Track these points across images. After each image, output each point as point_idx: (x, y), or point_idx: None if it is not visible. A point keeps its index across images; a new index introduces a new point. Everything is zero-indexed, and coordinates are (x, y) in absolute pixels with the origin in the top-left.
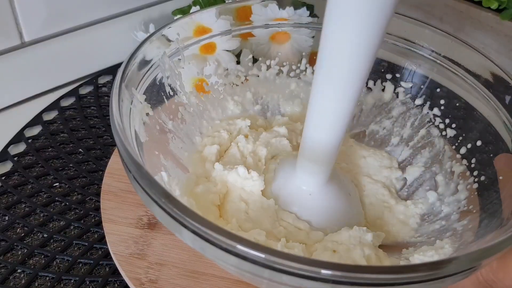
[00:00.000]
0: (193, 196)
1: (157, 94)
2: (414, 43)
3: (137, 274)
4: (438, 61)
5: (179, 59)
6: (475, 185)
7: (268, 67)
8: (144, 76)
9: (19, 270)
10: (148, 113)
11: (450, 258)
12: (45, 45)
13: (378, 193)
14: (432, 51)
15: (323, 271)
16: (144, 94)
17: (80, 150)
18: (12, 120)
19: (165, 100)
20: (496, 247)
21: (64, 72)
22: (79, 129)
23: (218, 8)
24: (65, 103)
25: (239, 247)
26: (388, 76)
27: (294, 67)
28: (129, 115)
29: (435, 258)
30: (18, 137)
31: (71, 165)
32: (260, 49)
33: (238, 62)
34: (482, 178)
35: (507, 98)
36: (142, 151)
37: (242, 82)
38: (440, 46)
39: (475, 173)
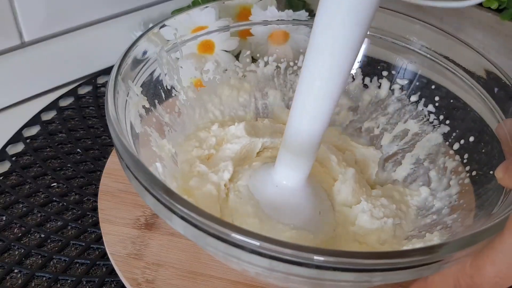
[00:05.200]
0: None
1: (154, 88)
2: (411, 40)
3: (134, 275)
4: (434, 59)
5: (177, 58)
6: (467, 180)
7: (266, 63)
8: (140, 70)
9: (16, 270)
10: (144, 105)
11: (413, 249)
12: (45, 45)
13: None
14: (429, 49)
15: (313, 257)
16: (141, 87)
17: (78, 150)
18: (11, 120)
19: (162, 94)
20: (459, 243)
21: (64, 72)
22: (77, 129)
23: (217, 7)
24: (64, 103)
25: (232, 234)
26: (384, 73)
27: (291, 63)
28: (125, 106)
29: None
30: (16, 137)
31: (69, 165)
32: (259, 49)
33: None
34: (474, 173)
35: (500, 95)
36: (137, 142)
37: (240, 78)
38: (437, 44)
39: (467, 168)
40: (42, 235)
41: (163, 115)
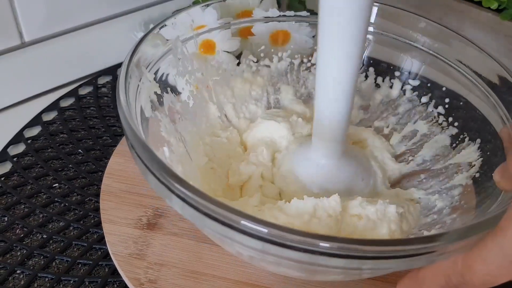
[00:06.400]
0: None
1: (167, 76)
2: (423, 41)
3: (136, 275)
4: (447, 61)
5: (179, 58)
6: (470, 181)
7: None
8: (154, 58)
9: (18, 271)
10: (156, 91)
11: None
12: (45, 45)
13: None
14: (441, 51)
15: (305, 240)
16: (154, 74)
17: (80, 150)
18: (11, 120)
19: (176, 83)
20: (452, 235)
21: (64, 72)
22: (78, 129)
23: (218, 7)
24: (65, 103)
25: (227, 214)
26: (397, 73)
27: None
28: (137, 90)
29: None
30: (18, 138)
31: (70, 165)
32: (260, 50)
33: (238, 64)
34: (477, 175)
35: (510, 98)
36: (146, 125)
37: (253, 71)
38: (450, 47)
39: (472, 170)
40: (44, 236)
41: (174, 103)
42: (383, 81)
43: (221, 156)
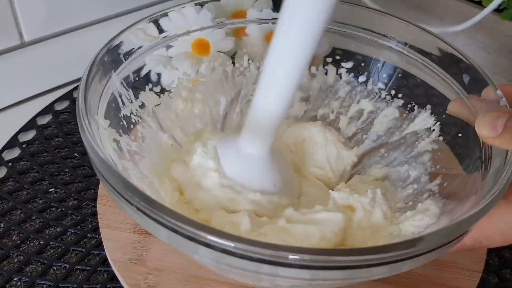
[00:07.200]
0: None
1: (115, 117)
2: (348, 25)
3: (136, 280)
4: (373, 38)
5: (171, 57)
6: (436, 146)
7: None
8: (100, 99)
9: (15, 278)
10: (115, 138)
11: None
12: (45, 45)
13: None
14: (366, 29)
15: (293, 256)
16: (108, 120)
17: (76, 154)
18: (6, 124)
19: (124, 122)
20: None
21: (64, 72)
22: (74, 133)
23: (210, 7)
24: (59, 106)
25: (210, 237)
26: (329, 59)
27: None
28: (101, 143)
29: (426, 220)
30: (12, 142)
31: (66, 170)
32: (255, 51)
33: (233, 64)
34: (441, 138)
35: (445, 61)
36: None
37: (190, 89)
38: (376, 24)
39: (434, 135)
40: (41, 242)
41: (130, 144)
42: (317, 69)
43: (189, 185)
